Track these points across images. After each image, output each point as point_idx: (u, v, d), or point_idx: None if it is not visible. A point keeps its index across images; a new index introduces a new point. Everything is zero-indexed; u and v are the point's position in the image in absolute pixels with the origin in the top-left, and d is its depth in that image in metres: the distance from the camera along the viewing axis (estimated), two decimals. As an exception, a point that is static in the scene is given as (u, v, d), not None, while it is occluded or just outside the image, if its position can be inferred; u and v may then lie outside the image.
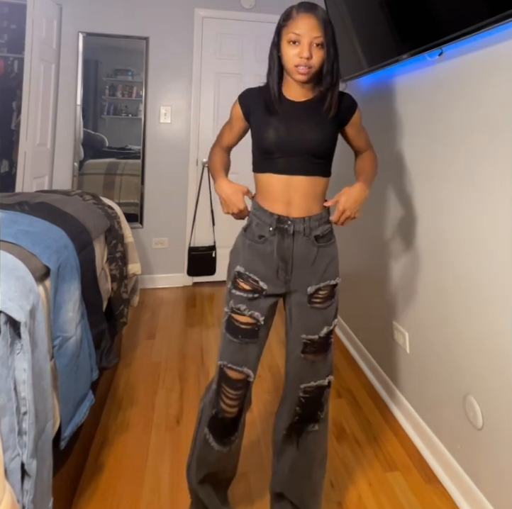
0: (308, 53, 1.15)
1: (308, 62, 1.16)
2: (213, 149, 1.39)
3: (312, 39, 1.16)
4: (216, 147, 1.39)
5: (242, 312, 1.19)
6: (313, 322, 1.22)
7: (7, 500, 0.76)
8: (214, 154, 1.37)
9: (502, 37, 1.28)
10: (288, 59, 1.19)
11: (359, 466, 1.61)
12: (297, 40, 1.16)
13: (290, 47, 1.17)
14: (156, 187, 3.44)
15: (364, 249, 2.31)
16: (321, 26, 1.16)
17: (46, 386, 1.04)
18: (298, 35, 1.16)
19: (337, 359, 2.37)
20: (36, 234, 1.31)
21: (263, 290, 1.20)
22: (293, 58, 1.17)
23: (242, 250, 1.24)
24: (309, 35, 1.15)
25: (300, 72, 1.17)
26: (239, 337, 1.19)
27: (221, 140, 1.40)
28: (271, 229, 1.21)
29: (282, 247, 1.21)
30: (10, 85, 3.52)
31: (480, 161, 1.38)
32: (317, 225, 1.24)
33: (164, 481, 1.52)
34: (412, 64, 1.81)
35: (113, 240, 1.98)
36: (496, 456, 1.29)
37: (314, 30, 1.16)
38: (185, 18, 3.46)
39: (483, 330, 1.36)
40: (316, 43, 1.16)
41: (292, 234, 1.21)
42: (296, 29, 1.16)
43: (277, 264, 1.21)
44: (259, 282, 1.20)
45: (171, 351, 2.41)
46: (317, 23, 1.16)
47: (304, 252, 1.22)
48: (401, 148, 1.92)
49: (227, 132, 1.38)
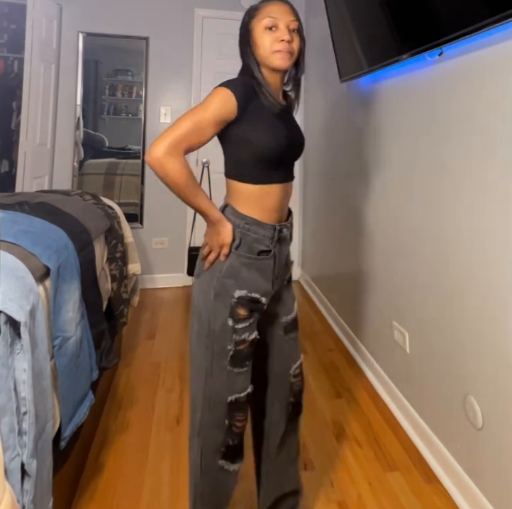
0: (288, 36, 1.07)
1: (289, 46, 1.08)
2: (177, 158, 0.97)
3: (289, 22, 1.08)
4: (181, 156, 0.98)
5: (247, 340, 1.08)
6: (289, 302, 1.24)
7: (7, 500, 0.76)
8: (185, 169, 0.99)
9: (502, 37, 1.28)
10: (265, 47, 1.08)
11: (359, 466, 1.61)
12: (274, 25, 1.07)
13: (266, 33, 1.08)
14: (156, 187, 3.44)
15: (364, 249, 2.31)
16: (295, 12, 1.12)
17: (46, 386, 1.04)
18: (275, 19, 1.07)
19: (337, 359, 2.37)
20: (36, 234, 1.31)
21: (263, 305, 1.12)
22: (272, 44, 1.07)
23: (239, 272, 1.08)
24: (286, 17, 1.08)
25: (280, 57, 1.07)
26: (247, 364, 1.09)
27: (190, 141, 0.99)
28: (271, 242, 1.10)
29: (280, 256, 1.14)
30: (10, 85, 3.52)
31: (480, 161, 1.38)
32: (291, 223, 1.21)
33: (164, 481, 1.52)
34: (412, 64, 1.81)
35: (113, 240, 1.98)
36: (496, 456, 1.29)
37: (290, 14, 1.10)
38: (185, 18, 3.46)
39: (483, 330, 1.36)
40: (293, 28, 1.09)
41: (287, 240, 1.18)
42: (272, 13, 1.08)
43: (273, 274, 1.13)
44: (260, 298, 1.10)
45: (171, 351, 2.41)
46: (290, 9, 1.11)
47: (286, 253, 1.20)
48: (401, 148, 1.92)
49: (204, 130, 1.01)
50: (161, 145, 0.95)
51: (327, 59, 2.82)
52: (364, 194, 2.31)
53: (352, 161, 2.49)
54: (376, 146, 2.18)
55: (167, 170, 0.97)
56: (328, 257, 2.93)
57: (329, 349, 2.49)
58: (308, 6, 3.55)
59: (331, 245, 2.86)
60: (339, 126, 2.74)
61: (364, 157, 2.33)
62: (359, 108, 2.43)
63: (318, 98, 3.28)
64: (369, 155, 2.27)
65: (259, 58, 1.12)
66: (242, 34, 1.15)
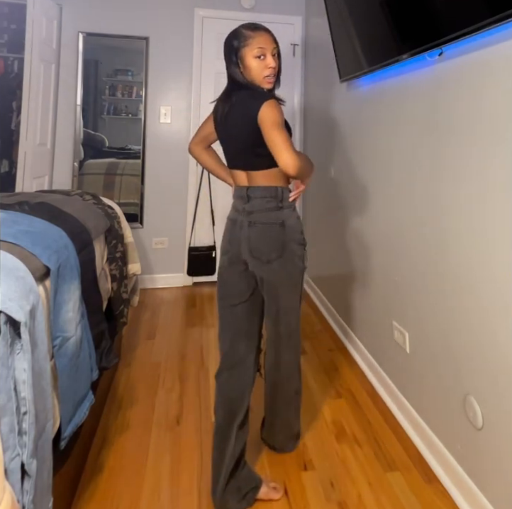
0: (274, 63, 1.40)
1: (274, 70, 1.40)
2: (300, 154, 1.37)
3: (272, 50, 1.40)
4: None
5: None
6: None
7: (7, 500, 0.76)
8: (303, 156, 1.40)
9: (502, 37, 1.28)
10: (257, 73, 1.39)
11: (359, 466, 1.61)
12: (262, 54, 1.38)
13: (257, 61, 1.38)
14: (156, 187, 3.44)
15: (363, 249, 2.31)
16: (275, 39, 1.42)
17: (46, 386, 1.04)
18: (264, 49, 1.38)
19: (337, 359, 2.37)
20: (36, 234, 1.31)
21: None
22: (263, 70, 1.39)
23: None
24: (270, 47, 1.40)
25: (269, 81, 1.41)
26: None
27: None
28: None
29: None
30: (10, 85, 3.52)
31: (480, 160, 1.38)
32: None
33: (164, 481, 1.52)
34: (412, 64, 1.81)
35: (113, 240, 1.98)
36: (496, 456, 1.29)
37: (272, 43, 1.41)
38: (185, 18, 3.46)
39: (483, 330, 1.36)
40: (274, 53, 1.41)
41: None
42: (260, 44, 1.38)
43: None
44: None
45: (171, 351, 2.41)
46: (271, 37, 1.42)
47: None
48: (401, 148, 1.92)
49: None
50: (293, 155, 1.27)
51: (327, 59, 2.82)
52: (364, 194, 2.31)
53: (352, 161, 2.49)
54: (376, 146, 2.18)
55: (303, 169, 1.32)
56: (328, 257, 2.93)
57: (329, 349, 2.49)
58: (308, 6, 3.55)
59: (331, 245, 2.86)
60: (339, 126, 2.74)
61: (364, 157, 2.33)
62: (359, 108, 2.42)
63: (318, 98, 3.28)
64: (369, 155, 2.27)
65: (250, 78, 1.41)
66: (233, 58, 1.43)
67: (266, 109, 1.32)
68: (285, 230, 1.40)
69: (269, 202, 1.41)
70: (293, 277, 1.45)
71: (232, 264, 1.47)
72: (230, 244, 1.47)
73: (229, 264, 1.48)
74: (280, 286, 1.44)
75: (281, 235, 1.40)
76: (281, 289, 1.45)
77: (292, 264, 1.43)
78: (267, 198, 1.41)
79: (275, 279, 1.44)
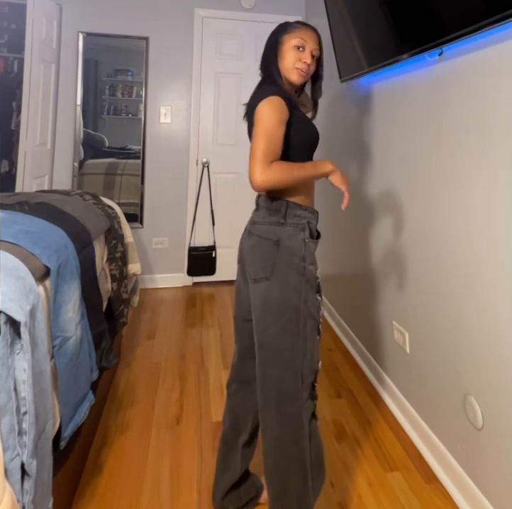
0: (310, 60, 1.30)
1: (308, 67, 1.30)
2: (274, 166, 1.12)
3: (313, 49, 1.31)
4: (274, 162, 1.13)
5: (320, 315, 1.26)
6: None
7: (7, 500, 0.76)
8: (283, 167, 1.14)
9: (502, 37, 1.28)
10: (290, 61, 1.29)
11: (359, 466, 1.61)
12: (302, 46, 1.29)
13: (295, 51, 1.29)
14: (156, 187, 3.44)
15: (363, 250, 2.31)
16: (320, 42, 1.35)
17: (46, 386, 1.04)
18: (305, 42, 1.29)
19: (337, 359, 2.37)
20: (36, 234, 1.31)
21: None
22: (296, 61, 1.28)
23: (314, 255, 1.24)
24: (312, 44, 1.30)
25: (299, 73, 1.29)
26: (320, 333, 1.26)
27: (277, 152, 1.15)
28: (316, 224, 1.29)
29: None
30: (10, 85, 3.52)
31: (480, 160, 1.38)
32: None
33: (164, 481, 1.52)
34: (412, 64, 1.81)
35: (113, 240, 1.98)
36: (496, 456, 1.29)
37: (316, 43, 1.32)
38: (185, 18, 3.46)
39: (483, 330, 1.36)
40: (314, 55, 1.32)
41: None
42: (304, 36, 1.29)
43: None
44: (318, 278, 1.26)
45: (171, 351, 2.41)
46: (318, 39, 1.34)
47: None
48: (401, 148, 1.92)
49: (280, 139, 1.16)
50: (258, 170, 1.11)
51: (327, 59, 2.81)
52: (364, 194, 2.31)
53: (353, 161, 2.49)
54: (376, 146, 2.18)
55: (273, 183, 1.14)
56: (328, 257, 2.93)
57: (329, 349, 2.49)
58: (308, 6, 3.55)
59: (331, 246, 2.86)
60: (339, 126, 2.74)
61: (364, 157, 2.34)
62: (359, 108, 2.43)
63: (318, 98, 3.28)
64: (369, 155, 2.27)
65: (280, 68, 1.31)
66: (273, 42, 1.34)
67: (260, 109, 1.17)
68: (279, 250, 1.19)
69: (271, 215, 1.24)
70: (282, 310, 1.17)
71: (243, 275, 1.31)
72: (240, 253, 1.35)
73: (241, 273, 1.34)
74: (263, 315, 1.19)
75: (272, 254, 1.19)
76: (263, 320, 1.19)
77: (282, 293, 1.17)
78: (271, 210, 1.24)
79: (259, 304, 1.20)
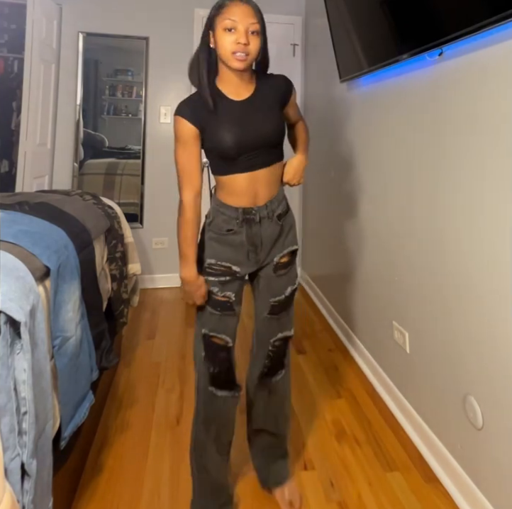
0: (245, 39, 1.15)
1: (245, 48, 1.15)
2: (183, 205, 1.29)
3: (248, 25, 1.16)
4: (189, 201, 1.28)
5: (216, 294, 1.30)
6: (279, 286, 1.37)
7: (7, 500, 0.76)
8: (187, 216, 1.28)
9: (502, 37, 1.28)
10: (225, 47, 1.16)
11: (359, 466, 1.61)
12: (233, 27, 1.15)
13: (226, 34, 1.16)
14: (156, 187, 3.44)
15: (364, 249, 2.31)
16: (256, 13, 1.19)
17: (46, 386, 1.04)
18: (234, 21, 1.15)
19: (338, 360, 2.37)
20: (36, 234, 1.31)
21: (236, 272, 1.31)
22: (231, 45, 1.15)
23: (209, 244, 1.32)
24: (245, 21, 1.16)
25: (237, 59, 1.16)
26: (219, 310, 1.30)
27: (193, 180, 1.27)
28: (237, 222, 1.28)
29: (250, 234, 1.30)
30: (10, 85, 3.53)
31: (480, 160, 1.38)
32: (277, 205, 1.33)
33: (164, 481, 1.52)
34: (412, 64, 1.81)
35: (113, 240, 1.98)
36: (496, 456, 1.29)
37: (250, 17, 1.16)
38: (185, 18, 3.46)
39: (483, 330, 1.36)
40: (252, 30, 1.17)
41: (259, 221, 1.30)
42: (232, 15, 1.15)
43: (247, 249, 1.31)
44: (232, 267, 1.30)
45: (171, 351, 2.41)
46: (252, 10, 1.18)
47: (270, 232, 1.32)
48: (401, 148, 1.92)
49: (194, 164, 1.25)
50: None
51: (327, 59, 2.82)
52: (364, 194, 2.31)
53: (352, 161, 2.49)
54: (376, 146, 2.18)
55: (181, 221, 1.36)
56: (328, 257, 2.93)
57: (329, 349, 2.49)
58: (308, 6, 3.55)
59: (331, 245, 2.86)
60: (338, 126, 2.74)
61: (364, 157, 2.33)
62: (359, 108, 2.42)
63: (318, 98, 3.28)
64: (369, 155, 2.27)
65: (220, 57, 1.21)
66: (205, 29, 1.23)
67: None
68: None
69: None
70: None
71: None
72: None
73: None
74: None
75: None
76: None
77: None
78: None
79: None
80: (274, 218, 1.32)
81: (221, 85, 1.26)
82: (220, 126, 1.22)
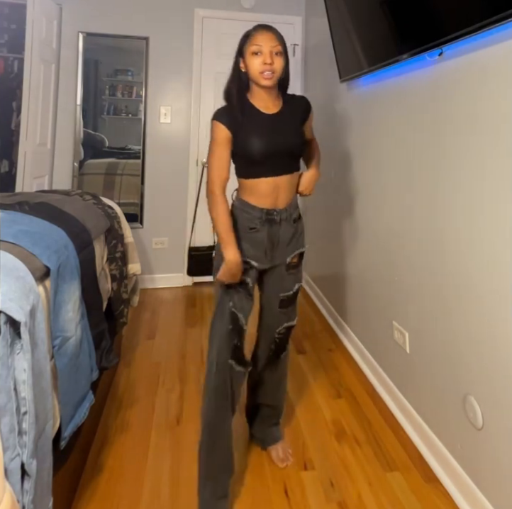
0: (270, 59, 1.37)
1: (271, 67, 1.37)
2: (216, 196, 1.40)
3: (271, 48, 1.38)
4: (220, 193, 1.40)
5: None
6: (289, 283, 1.55)
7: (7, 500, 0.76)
8: (221, 207, 1.39)
9: (502, 37, 1.28)
10: (254, 69, 1.38)
11: (359, 466, 1.61)
12: (259, 51, 1.37)
13: (254, 57, 1.38)
14: (156, 187, 3.44)
15: (364, 250, 2.31)
16: (278, 38, 1.40)
17: (46, 386, 1.04)
18: (260, 46, 1.37)
19: (337, 360, 2.37)
20: (36, 234, 1.31)
21: (253, 266, 1.47)
22: (258, 66, 1.37)
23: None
24: (269, 44, 1.37)
25: (265, 77, 1.37)
26: (240, 291, 1.45)
27: (223, 175, 1.41)
28: (260, 221, 1.44)
29: (271, 233, 1.46)
30: (10, 85, 3.52)
31: (480, 160, 1.38)
32: (293, 210, 1.52)
33: (164, 481, 1.52)
34: (412, 64, 1.81)
35: (113, 240, 1.98)
36: (496, 456, 1.29)
37: (272, 41, 1.38)
38: (185, 18, 3.46)
39: (483, 330, 1.36)
40: (275, 51, 1.38)
41: (279, 222, 1.46)
42: (258, 41, 1.38)
43: (266, 246, 1.47)
44: (251, 261, 1.46)
45: (171, 351, 2.41)
46: (274, 35, 1.40)
47: (286, 233, 1.50)
48: (401, 148, 1.92)
49: (225, 162, 1.41)
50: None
51: (327, 59, 2.82)
52: (364, 194, 2.31)
53: (353, 161, 2.49)
54: (376, 146, 2.18)
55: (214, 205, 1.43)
56: (328, 257, 2.93)
57: (329, 349, 2.49)
58: (308, 5, 3.55)
59: (331, 246, 2.86)
60: (339, 126, 2.74)
61: (364, 157, 2.33)
62: (359, 108, 2.42)
63: (318, 98, 3.28)
64: (369, 155, 2.27)
65: (251, 78, 1.42)
66: (237, 55, 1.45)
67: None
68: None
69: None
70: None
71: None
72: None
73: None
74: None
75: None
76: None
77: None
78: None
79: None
80: (291, 221, 1.49)
81: (254, 101, 1.46)
82: (251, 132, 1.40)
